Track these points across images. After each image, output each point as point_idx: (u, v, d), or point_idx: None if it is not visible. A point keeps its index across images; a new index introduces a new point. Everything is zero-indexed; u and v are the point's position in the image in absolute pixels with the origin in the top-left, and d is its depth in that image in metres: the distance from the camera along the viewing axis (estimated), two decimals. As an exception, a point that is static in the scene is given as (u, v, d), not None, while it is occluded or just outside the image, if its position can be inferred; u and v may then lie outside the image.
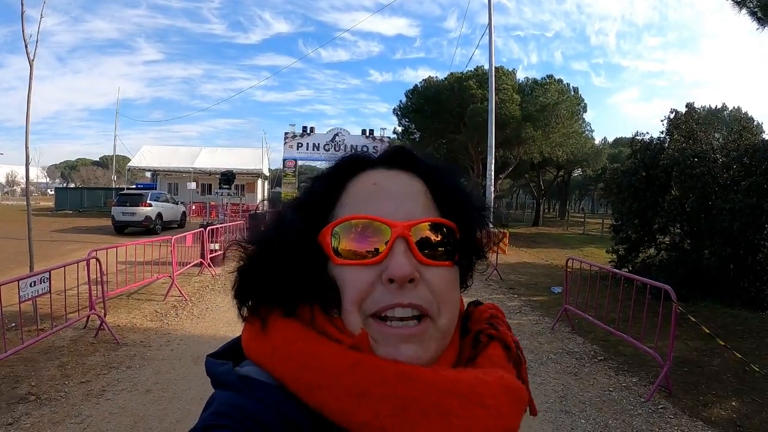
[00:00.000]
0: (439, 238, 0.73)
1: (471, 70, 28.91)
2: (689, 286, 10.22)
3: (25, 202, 10.22)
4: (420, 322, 0.68)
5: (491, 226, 0.86)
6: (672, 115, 13.44)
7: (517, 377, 0.75)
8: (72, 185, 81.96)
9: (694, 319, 6.72)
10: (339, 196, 0.78)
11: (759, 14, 8.79)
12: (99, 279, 7.46)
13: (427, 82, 31.63)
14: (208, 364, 0.73)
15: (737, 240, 9.92)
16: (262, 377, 0.67)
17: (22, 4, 8.65)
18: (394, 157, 0.82)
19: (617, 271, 9.15)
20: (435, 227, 0.73)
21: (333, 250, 0.71)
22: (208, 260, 13.13)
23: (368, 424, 0.61)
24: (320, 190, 0.79)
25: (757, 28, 8.88)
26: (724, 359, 6.88)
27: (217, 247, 13.83)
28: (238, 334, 0.79)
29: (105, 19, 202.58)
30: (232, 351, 0.78)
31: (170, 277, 10.19)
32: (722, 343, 6.64)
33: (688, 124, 12.83)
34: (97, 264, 7.38)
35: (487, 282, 12.62)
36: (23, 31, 8.66)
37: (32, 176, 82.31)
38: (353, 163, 0.81)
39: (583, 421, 5.12)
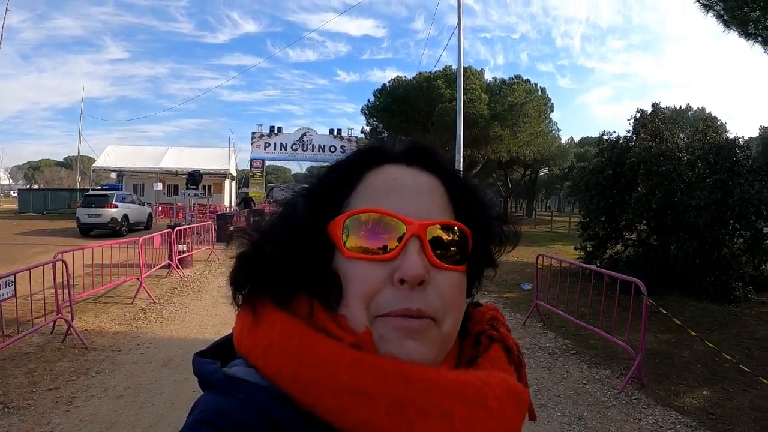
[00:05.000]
0: (453, 242, 0.71)
1: (439, 70, 29.13)
2: (657, 281, 10.35)
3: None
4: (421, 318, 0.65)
5: (505, 237, 0.83)
6: (638, 115, 13.71)
7: (517, 380, 0.74)
8: (36, 187, 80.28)
9: (665, 312, 6.88)
10: (355, 187, 0.74)
11: (725, 17, 8.98)
12: (66, 282, 7.28)
13: (396, 81, 31.77)
14: (195, 363, 0.71)
15: (702, 235, 10.13)
16: (249, 376, 0.64)
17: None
18: (416, 154, 0.78)
19: (588, 266, 9.28)
20: (450, 230, 0.71)
21: (343, 243, 0.68)
22: (177, 262, 12.94)
23: (365, 424, 0.59)
24: (336, 179, 0.76)
25: (723, 31, 9.08)
26: (693, 350, 7.03)
27: (185, 249, 13.69)
28: (208, 336, 0.79)
29: (71, 16, 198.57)
30: (221, 349, 0.75)
31: (138, 279, 10.03)
32: (694, 334, 6.79)
33: (653, 123, 13.09)
34: (64, 266, 7.22)
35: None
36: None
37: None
38: (373, 155, 0.78)
39: (558, 413, 5.19)
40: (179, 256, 13.23)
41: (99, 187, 34.54)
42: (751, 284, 10.39)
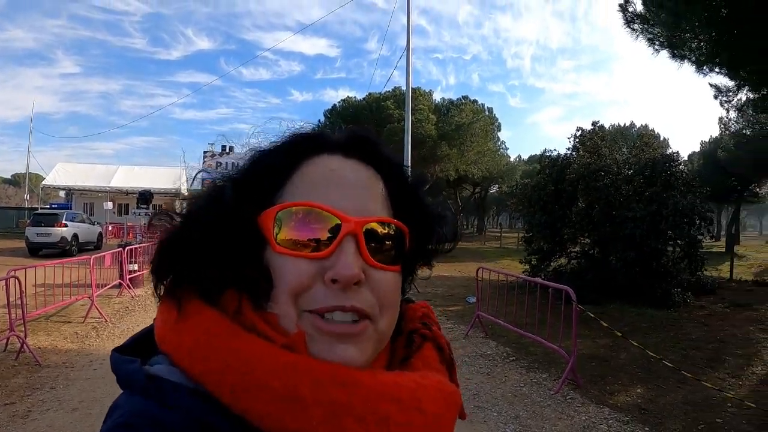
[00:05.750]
0: (389, 240, 0.68)
1: (389, 91, 29.27)
2: (600, 291, 10.83)
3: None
4: (359, 321, 0.63)
5: (445, 238, 0.81)
6: (578, 133, 14.20)
7: (449, 379, 0.72)
8: None
9: (593, 315, 7.23)
10: (290, 177, 0.70)
11: (653, 40, 9.42)
12: (18, 300, 7.17)
13: (346, 102, 31.88)
14: (113, 360, 0.64)
15: (640, 245, 10.58)
16: (174, 377, 0.59)
17: None
18: (356, 144, 0.73)
19: (522, 276, 9.58)
20: (387, 227, 0.68)
21: (274, 236, 0.65)
22: (128, 281, 12.72)
23: None
24: (269, 167, 0.71)
25: (652, 53, 9.53)
26: (630, 353, 7.34)
27: (136, 268, 13.44)
28: None
29: (24, 28, 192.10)
30: (141, 344, 0.69)
31: (89, 298, 9.82)
32: (619, 334, 7.19)
33: (593, 140, 13.55)
34: (17, 284, 7.11)
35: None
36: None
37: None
38: (311, 143, 0.73)
39: (495, 414, 5.35)
40: (130, 276, 13.01)
41: (48, 206, 33.70)
42: (690, 290, 10.90)
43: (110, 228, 33.03)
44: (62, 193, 45.54)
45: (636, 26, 9.63)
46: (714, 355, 7.53)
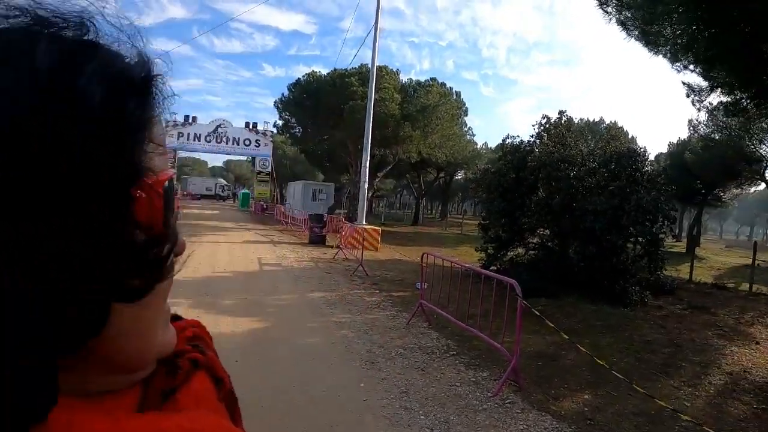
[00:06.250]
0: None
1: (355, 68, 28.69)
2: (557, 284, 10.47)
3: None
4: None
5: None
6: (543, 120, 13.70)
7: (231, 421, 0.59)
8: None
9: (537, 312, 6.64)
10: None
11: (625, 23, 8.90)
12: None
13: (310, 76, 31.23)
14: None
15: (600, 240, 10.17)
16: None
17: None
18: None
19: (466, 265, 9.02)
20: None
21: None
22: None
23: None
24: None
25: (625, 38, 8.99)
26: (580, 353, 6.79)
27: None
28: None
29: None
30: None
31: None
32: (566, 337, 6.59)
33: (558, 129, 13.12)
34: None
35: (350, 278, 12.26)
36: None
37: None
38: None
39: (422, 417, 4.73)
40: None
41: None
42: (649, 288, 10.57)
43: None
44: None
45: (610, 9, 9.06)
46: (669, 360, 6.99)
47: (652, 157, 11.92)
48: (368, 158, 20.07)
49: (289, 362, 5.95)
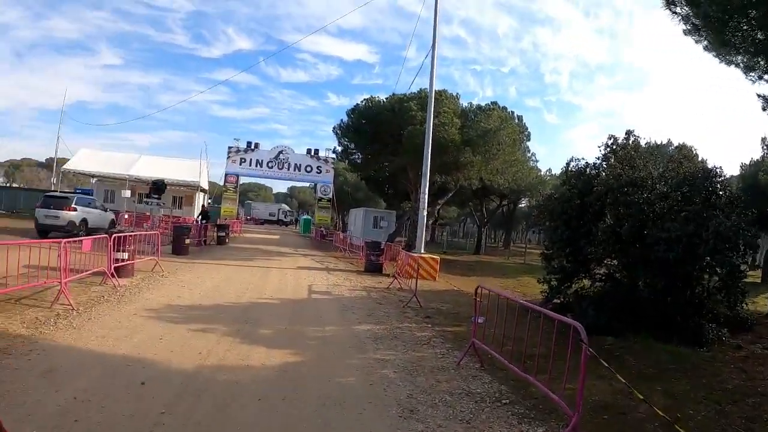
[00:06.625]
0: None
1: (413, 93, 28.29)
2: (623, 320, 9.50)
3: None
4: None
5: None
6: (610, 141, 12.74)
7: None
8: (15, 185, 79.87)
9: (606, 364, 5.59)
10: None
11: (694, 21, 8.01)
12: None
13: (369, 101, 31.01)
14: None
15: (673, 271, 9.15)
16: None
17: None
18: None
19: (521, 301, 8.04)
20: None
21: None
22: (112, 270, 11.96)
23: None
24: None
25: (697, 40, 8.10)
26: (654, 403, 5.78)
27: (126, 257, 12.76)
28: (105, 350, 0.98)
29: (68, 17, 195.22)
30: None
31: (59, 282, 9.15)
32: (641, 397, 5.51)
33: (625, 150, 12.14)
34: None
35: (402, 309, 11.62)
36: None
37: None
38: None
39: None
40: (117, 265, 12.33)
41: (73, 191, 35.39)
42: (726, 326, 9.49)
43: (126, 216, 32.86)
44: (93, 180, 46.57)
45: (678, 9, 8.18)
46: (754, 413, 5.90)
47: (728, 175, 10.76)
48: (427, 185, 19.56)
49: (315, 407, 5.20)
